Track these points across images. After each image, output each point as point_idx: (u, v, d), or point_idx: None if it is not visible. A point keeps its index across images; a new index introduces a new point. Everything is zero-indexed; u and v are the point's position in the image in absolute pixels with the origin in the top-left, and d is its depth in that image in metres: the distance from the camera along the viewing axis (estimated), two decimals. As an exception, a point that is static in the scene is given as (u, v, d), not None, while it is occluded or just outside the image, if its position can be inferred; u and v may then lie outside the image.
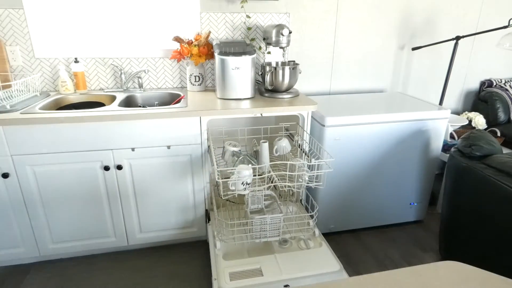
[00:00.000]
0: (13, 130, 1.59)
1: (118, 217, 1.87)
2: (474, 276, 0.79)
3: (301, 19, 2.29)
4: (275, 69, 1.92)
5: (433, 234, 2.23)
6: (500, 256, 1.54)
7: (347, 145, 1.96)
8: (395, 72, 2.61)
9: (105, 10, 2.05)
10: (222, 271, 1.44)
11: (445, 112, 2.05)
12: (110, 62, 2.12)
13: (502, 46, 2.08)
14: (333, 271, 1.46)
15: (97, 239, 1.90)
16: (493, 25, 2.64)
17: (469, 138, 1.72)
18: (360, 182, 2.08)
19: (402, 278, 0.78)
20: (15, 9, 1.92)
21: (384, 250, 2.08)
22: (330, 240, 2.14)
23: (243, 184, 1.41)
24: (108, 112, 1.67)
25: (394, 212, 2.24)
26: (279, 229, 1.58)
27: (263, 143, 1.70)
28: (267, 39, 2.03)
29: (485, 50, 2.73)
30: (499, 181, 1.51)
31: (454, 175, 1.76)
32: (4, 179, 1.66)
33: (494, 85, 2.76)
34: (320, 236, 1.70)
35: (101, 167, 1.74)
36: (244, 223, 1.74)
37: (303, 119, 1.89)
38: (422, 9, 2.47)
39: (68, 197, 1.77)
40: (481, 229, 1.63)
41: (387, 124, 1.98)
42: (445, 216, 1.87)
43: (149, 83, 2.22)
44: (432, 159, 2.15)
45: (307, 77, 2.45)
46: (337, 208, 2.11)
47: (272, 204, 1.77)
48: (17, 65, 2.02)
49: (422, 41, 2.55)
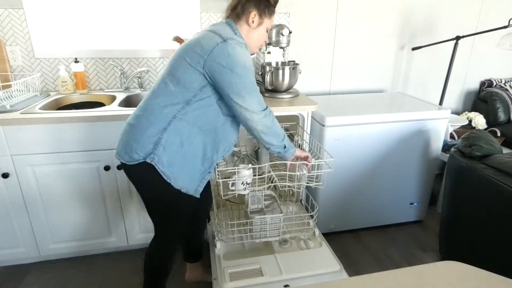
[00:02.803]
0: (13, 130, 1.59)
1: (118, 217, 1.87)
2: (474, 276, 0.79)
3: (301, 19, 2.29)
4: (275, 69, 1.92)
5: (433, 234, 2.23)
6: (500, 256, 1.54)
7: (347, 145, 1.96)
8: (395, 72, 2.61)
9: (105, 10, 2.05)
10: (222, 271, 1.44)
11: (445, 112, 2.05)
12: (110, 62, 2.12)
13: (502, 46, 2.08)
14: (333, 271, 1.46)
15: (97, 239, 1.90)
16: (493, 25, 2.64)
17: (469, 138, 1.72)
18: (360, 182, 2.08)
19: (402, 278, 0.78)
20: (15, 9, 1.92)
21: (384, 250, 2.08)
22: (330, 240, 2.14)
23: (243, 184, 1.41)
24: (108, 112, 1.67)
25: (394, 212, 2.24)
26: (279, 229, 1.58)
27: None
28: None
29: (485, 50, 2.73)
30: (499, 181, 1.51)
31: (454, 175, 1.76)
32: (4, 179, 1.66)
33: (494, 85, 2.75)
34: (320, 236, 1.70)
35: (101, 167, 1.74)
36: (244, 223, 1.74)
37: (303, 119, 1.89)
38: (422, 9, 2.47)
39: (68, 197, 1.77)
40: (481, 229, 1.63)
41: (387, 124, 1.98)
42: (445, 216, 1.87)
43: (149, 83, 2.22)
44: (432, 159, 2.15)
45: (307, 77, 2.45)
46: (337, 208, 2.11)
47: (272, 204, 1.77)
48: (17, 65, 2.02)
49: (422, 41, 2.55)
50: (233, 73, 1.15)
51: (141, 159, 1.18)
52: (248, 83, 1.18)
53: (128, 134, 1.22)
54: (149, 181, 1.23)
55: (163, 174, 1.20)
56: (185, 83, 1.18)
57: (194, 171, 1.26)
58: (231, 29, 1.25)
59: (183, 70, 1.18)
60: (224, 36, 1.17)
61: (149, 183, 1.25)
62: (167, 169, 1.20)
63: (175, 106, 1.19)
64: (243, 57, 1.17)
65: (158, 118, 1.18)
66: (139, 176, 1.25)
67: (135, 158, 1.19)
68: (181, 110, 1.18)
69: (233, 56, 1.14)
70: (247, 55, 1.20)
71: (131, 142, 1.20)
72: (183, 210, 1.33)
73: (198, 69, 1.16)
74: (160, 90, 1.21)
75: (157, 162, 1.18)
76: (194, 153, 1.24)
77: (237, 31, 1.26)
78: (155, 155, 1.18)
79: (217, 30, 1.20)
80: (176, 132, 1.19)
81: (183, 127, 1.20)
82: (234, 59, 1.14)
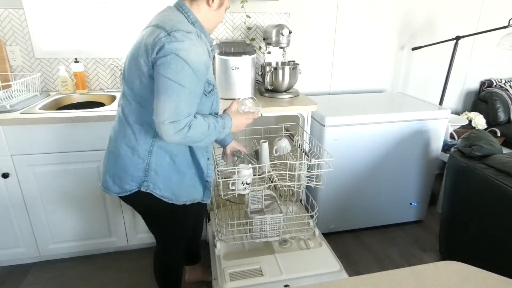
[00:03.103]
0: (13, 130, 1.59)
1: (118, 217, 1.87)
2: (474, 276, 0.79)
3: (301, 19, 2.29)
4: (275, 69, 1.92)
5: (433, 234, 2.23)
6: (500, 256, 1.54)
7: (347, 145, 1.96)
8: (395, 72, 2.61)
9: (105, 10, 2.05)
10: (222, 271, 1.44)
11: (445, 112, 2.05)
12: (110, 62, 2.12)
13: (502, 46, 2.08)
14: (333, 271, 1.46)
15: (97, 239, 1.90)
16: (493, 25, 2.64)
17: (469, 138, 1.72)
18: (360, 182, 2.08)
19: (402, 278, 0.78)
20: (15, 9, 1.91)
21: (384, 250, 2.08)
22: (330, 240, 2.14)
23: (243, 183, 1.41)
24: (108, 112, 1.67)
25: (394, 212, 2.24)
26: (279, 229, 1.58)
27: (263, 143, 1.70)
28: (267, 39, 2.03)
29: (485, 50, 2.73)
30: (499, 181, 1.51)
31: (454, 175, 1.76)
32: (4, 179, 1.66)
33: (494, 85, 2.75)
34: (320, 236, 1.70)
35: (101, 167, 1.74)
36: (244, 223, 1.74)
37: (303, 119, 1.89)
38: (422, 9, 2.47)
39: (68, 197, 1.77)
40: (481, 229, 1.63)
41: (387, 124, 1.98)
42: (445, 216, 1.87)
43: (149, 83, 2.21)
44: (432, 159, 2.15)
45: (307, 77, 2.45)
46: (337, 208, 2.11)
47: (272, 204, 1.77)
48: (17, 65, 2.02)
49: (422, 41, 2.55)
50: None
51: (135, 189, 1.11)
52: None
53: (113, 164, 1.13)
54: (149, 207, 1.18)
55: (163, 198, 1.14)
56: (147, 100, 1.04)
57: (194, 180, 1.21)
58: (181, 13, 1.08)
59: (138, 85, 1.04)
60: (168, 29, 0.99)
61: (150, 208, 1.19)
62: (166, 192, 1.14)
63: (151, 125, 1.07)
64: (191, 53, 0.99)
65: (138, 141, 1.09)
66: (138, 204, 1.20)
67: (128, 189, 1.12)
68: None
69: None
70: (198, 49, 1.01)
71: (118, 173, 1.11)
72: (189, 219, 1.31)
73: (151, 80, 1.01)
74: (127, 108, 1.09)
75: (153, 189, 1.12)
76: (187, 164, 1.17)
77: (190, 14, 1.09)
78: (149, 182, 1.11)
79: (161, 23, 1.02)
80: (162, 151, 1.11)
81: (167, 143, 1.10)
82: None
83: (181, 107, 0.99)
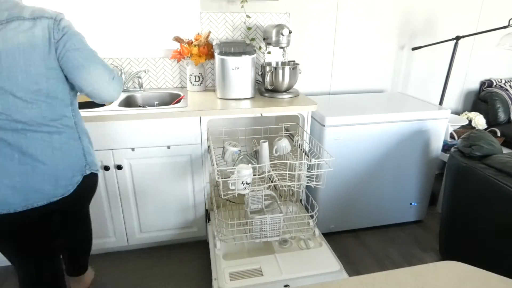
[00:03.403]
0: (13, 130, 1.59)
1: (118, 217, 1.87)
2: (474, 276, 0.79)
3: (301, 19, 2.29)
4: (275, 69, 1.92)
5: (433, 234, 2.23)
6: (500, 256, 1.54)
7: (347, 145, 1.96)
8: (395, 72, 2.61)
9: (105, 10, 2.05)
10: (222, 271, 1.44)
11: (445, 112, 2.05)
12: (110, 62, 2.12)
13: (502, 46, 2.08)
14: (333, 271, 1.46)
15: (97, 239, 1.90)
16: (493, 25, 2.64)
17: (469, 138, 1.72)
18: (360, 182, 2.08)
19: (402, 278, 0.78)
20: (15, 9, 1.91)
21: (384, 250, 2.08)
22: (330, 240, 2.14)
23: (243, 183, 1.41)
24: (108, 112, 1.67)
25: (394, 212, 2.24)
26: (279, 229, 1.58)
27: (263, 143, 1.70)
28: (267, 39, 2.03)
29: (485, 50, 2.73)
30: (499, 181, 1.51)
31: (454, 175, 1.76)
32: None
33: (494, 85, 2.76)
34: (320, 236, 1.70)
35: (101, 167, 1.74)
36: (244, 223, 1.74)
37: (303, 119, 1.89)
38: (422, 9, 2.47)
39: (68, 197, 1.76)
40: (481, 229, 1.63)
41: (387, 124, 1.98)
42: (445, 216, 1.87)
43: (149, 83, 2.22)
44: (432, 159, 2.15)
45: (307, 77, 2.45)
46: (337, 208, 2.11)
47: (272, 204, 1.77)
48: (17, 65, 2.01)
49: (422, 41, 2.55)
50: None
51: (80, 178, 1.18)
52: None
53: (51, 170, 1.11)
54: (94, 187, 1.31)
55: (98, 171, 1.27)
56: (57, 92, 1.09)
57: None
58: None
59: (45, 83, 1.06)
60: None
61: (94, 189, 1.31)
62: (95, 166, 1.25)
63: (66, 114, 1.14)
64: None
65: (68, 151, 1.15)
66: (87, 189, 1.26)
67: (75, 181, 1.16)
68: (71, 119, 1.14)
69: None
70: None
71: (59, 174, 1.12)
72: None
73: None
74: (37, 112, 1.06)
75: (94, 169, 1.23)
76: (89, 135, 1.28)
77: None
78: (88, 164, 1.21)
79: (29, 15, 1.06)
80: (83, 134, 1.21)
81: (80, 127, 1.20)
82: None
83: (104, 63, 1.14)
